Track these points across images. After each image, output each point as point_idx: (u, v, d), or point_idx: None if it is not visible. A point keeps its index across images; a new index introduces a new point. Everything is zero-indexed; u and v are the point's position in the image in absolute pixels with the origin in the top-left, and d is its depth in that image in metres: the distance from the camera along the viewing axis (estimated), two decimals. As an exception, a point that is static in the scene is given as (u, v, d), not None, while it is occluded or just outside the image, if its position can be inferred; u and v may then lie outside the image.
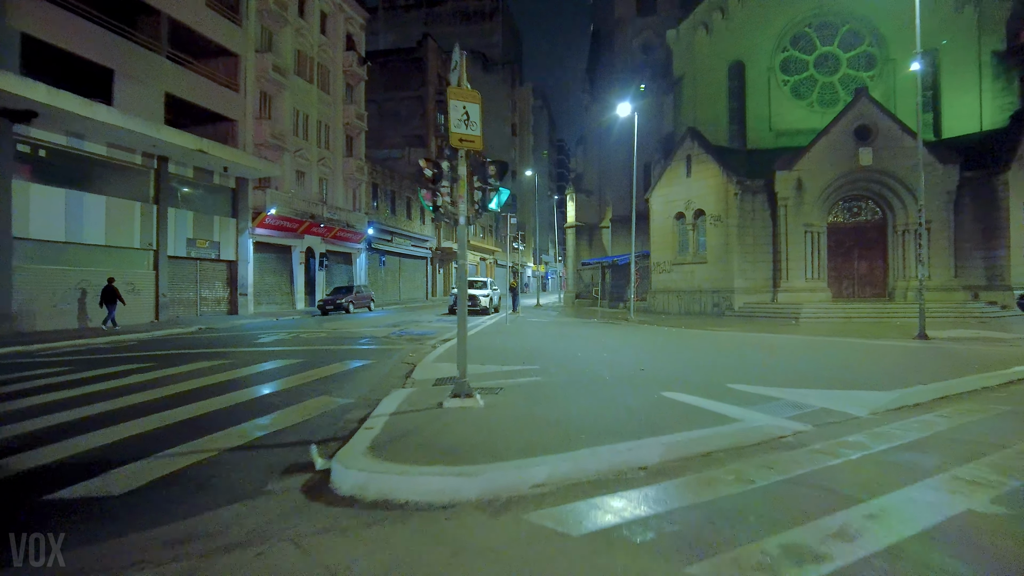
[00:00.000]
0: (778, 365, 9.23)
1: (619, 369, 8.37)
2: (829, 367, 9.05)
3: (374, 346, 11.88)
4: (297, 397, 6.61)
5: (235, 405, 6.22)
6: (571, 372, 8.04)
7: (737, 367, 8.94)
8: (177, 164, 21.58)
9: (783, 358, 10.15)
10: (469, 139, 5.51)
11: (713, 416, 5.38)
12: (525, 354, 9.97)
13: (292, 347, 11.56)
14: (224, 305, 24.62)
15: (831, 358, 10.17)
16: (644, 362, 9.22)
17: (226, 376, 7.95)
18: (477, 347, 10.93)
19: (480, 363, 8.80)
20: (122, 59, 19.18)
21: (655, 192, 24.24)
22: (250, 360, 9.55)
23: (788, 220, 21.15)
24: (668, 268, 23.81)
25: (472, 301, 22.58)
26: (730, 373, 8.16)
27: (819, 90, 25.12)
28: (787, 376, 7.92)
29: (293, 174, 28.84)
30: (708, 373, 8.15)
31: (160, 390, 6.92)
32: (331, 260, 32.30)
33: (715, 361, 9.64)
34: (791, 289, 20.99)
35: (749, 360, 9.91)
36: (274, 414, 5.82)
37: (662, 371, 8.25)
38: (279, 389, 7.08)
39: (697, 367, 8.79)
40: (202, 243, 22.99)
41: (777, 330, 15.90)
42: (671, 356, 10.31)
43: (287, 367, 8.84)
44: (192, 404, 6.15)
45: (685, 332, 15.61)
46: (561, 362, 9.04)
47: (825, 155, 20.88)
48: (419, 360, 9.41)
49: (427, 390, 6.64)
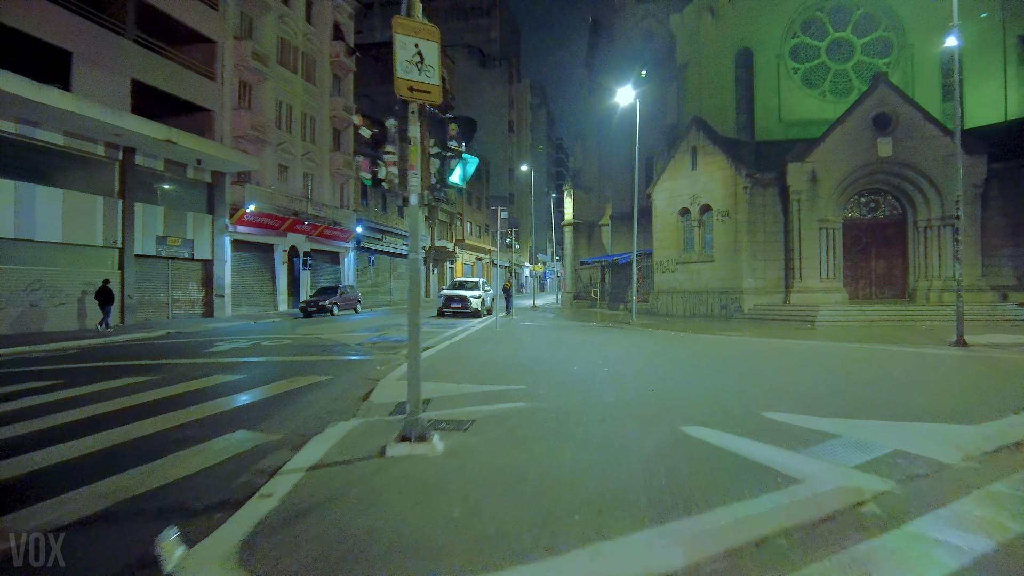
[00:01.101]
0: (813, 382, 7.75)
1: (624, 389, 6.89)
2: (874, 383, 7.57)
3: (342, 356, 10.38)
4: (211, 431, 5.12)
5: (120, 445, 4.73)
6: (565, 394, 6.56)
7: (765, 384, 7.46)
8: (145, 156, 20.08)
9: (814, 371, 8.67)
10: (423, 88, 4.03)
11: (756, 468, 3.90)
12: (512, 368, 8.48)
13: (245, 358, 10.06)
14: (199, 307, 23.12)
15: (870, 371, 8.69)
16: (652, 378, 7.74)
17: (140, 399, 6.46)
18: (457, 358, 9.44)
19: (455, 381, 7.32)
20: (82, 41, 17.66)
21: (658, 186, 22.77)
22: (185, 376, 8.06)
23: (801, 216, 19.69)
24: (672, 267, 22.34)
25: (462, 303, 21.12)
26: (759, 394, 6.68)
27: (832, 78, 23.67)
28: (830, 398, 6.45)
29: (275, 168, 27.33)
30: (733, 394, 6.67)
31: (33, 423, 5.40)
32: (317, 259, 30.79)
33: (737, 376, 8.17)
34: (805, 290, 19.53)
35: (776, 374, 8.43)
36: (166, 458, 4.34)
37: (676, 391, 6.77)
38: (193, 419, 5.59)
39: (717, 385, 7.31)
40: (174, 241, 21.49)
41: (794, 335, 14.43)
42: (684, 370, 8.82)
43: (223, 386, 7.35)
44: (61, 445, 4.65)
45: (693, 338, 14.13)
46: (554, 379, 7.56)
47: (841, 146, 19.42)
48: (385, 375, 7.92)
49: (376, 424, 5.16)
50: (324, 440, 4.56)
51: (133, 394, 6.68)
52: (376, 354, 10.76)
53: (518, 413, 5.46)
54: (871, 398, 6.46)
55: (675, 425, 5.06)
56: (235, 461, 4.34)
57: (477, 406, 5.80)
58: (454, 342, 11.86)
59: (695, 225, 21.54)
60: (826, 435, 4.78)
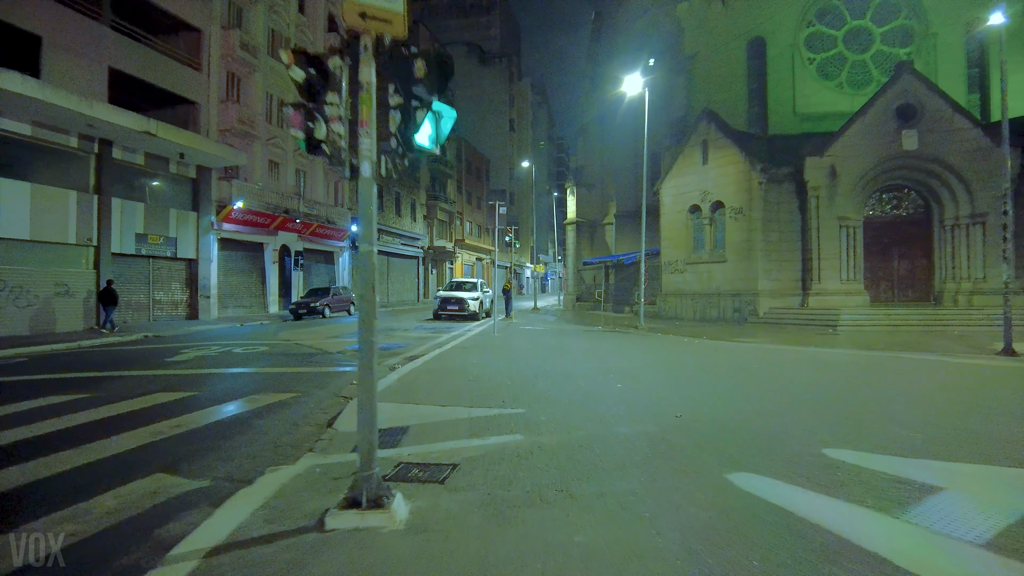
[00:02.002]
0: (863, 402, 6.56)
1: (642, 414, 5.72)
2: (936, 404, 6.39)
3: (319, 367, 9.20)
4: (120, 473, 3.96)
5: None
6: (571, 421, 5.38)
7: (808, 405, 6.27)
8: (124, 149, 18.94)
9: (858, 387, 7.48)
10: (381, 16, 2.87)
11: (856, 554, 2.72)
12: (509, 384, 7.30)
13: (208, 369, 8.88)
14: (183, 309, 21.97)
15: (922, 387, 7.50)
16: (674, 397, 6.57)
17: (52, 426, 5.28)
18: (447, 371, 8.27)
19: (442, 401, 6.15)
20: (53, 25, 16.54)
21: (666, 182, 21.59)
22: (127, 393, 6.89)
23: (820, 213, 18.51)
24: (681, 268, 21.15)
25: (459, 306, 19.94)
26: (808, 420, 5.50)
27: (849, 69, 22.47)
28: (895, 426, 5.27)
29: (265, 164, 26.19)
30: (775, 420, 5.49)
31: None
32: (310, 259, 29.65)
33: (772, 395, 6.98)
34: (824, 292, 18.33)
35: (816, 391, 7.24)
36: (40, 520, 3.18)
37: (706, 417, 5.59)
38: (109, 455, 4.43)
39: (754, 408, 6.13)
40: (155, 239, 20.36)
41: (818, 342, 13.23)
42: (708, 386, 7.64)
43: (164, 408, 6.18)
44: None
45: (709, 345, 12.94)
46: (557, 399, 6.38)
47: (862, 139, 18.24)
48: (354, 396, 6.73)
49: (329, 469, 3.98)
50: (252, 496, 3.39)
51: (49, 419, 5.51)
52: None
53: (513, 453, 4.28)
54: (946, 426, 5.28)
55: (718, 472, 3.88)
56: (130, 525, 3.18)
57: (463, 440, 4.63)
58: (446, 350, 10.69)
59: (706, 223, 20.35)
60: (922, 487, 3.60)
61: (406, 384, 7.08)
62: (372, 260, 3.03)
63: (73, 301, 17.13)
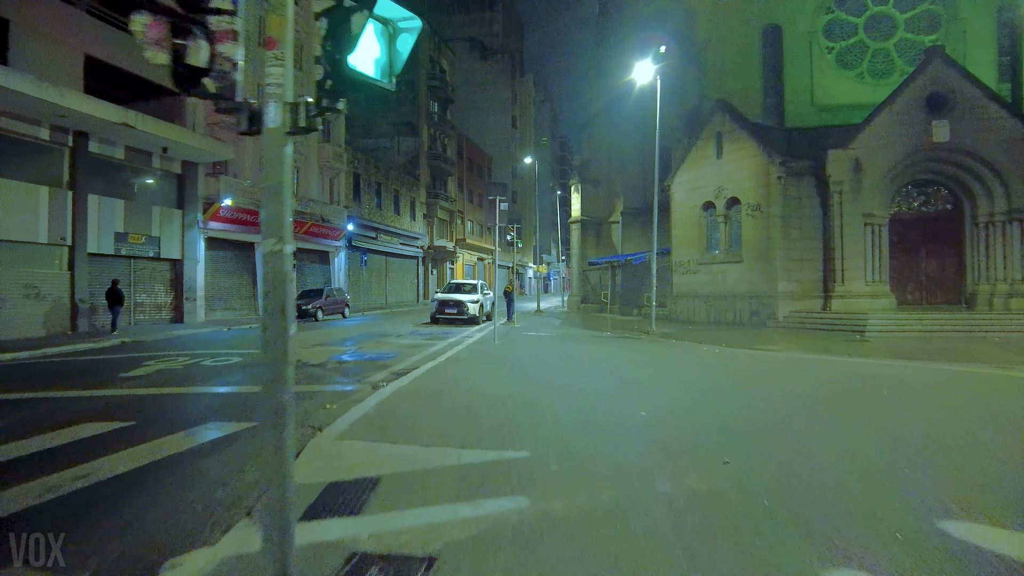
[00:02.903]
0: (947, 438, 5.36)
1: (680, 458, 4.54)
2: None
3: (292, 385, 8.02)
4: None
5: None
6: (590, 471, 4.20)
7: (890, 444, 5.07)
8: (102, 142, 17.80)
9: (926, 414, 6.27)
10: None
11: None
12: (510, 411, 6.11)
13: (160, 388, 7.67)
14: (168, 312, 20.84)
15: (1007, 412, 6.30)
16: (715, 431, 5.38)
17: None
18: (435, 392, 7.07)
19: (425, 438, 4.97)
20: (22, 8, 15.43)
21: (677, 178, 20.38)
22: (45, 421, 5.71)
23: (843, 210, 17.28)
24: (693, 268, 19.94)
25: (458, 308, 18.76)
26: (897, 467, 4.30)
27: (870, 58, 21.22)
28: (1011, 479, 4.07)
29: (256, 159, 25.03)
30: (853, 466, 4.30)
31: None
32: (303, 259, 28.50)
33: (838, 428, 5.78)
34: (848, 294, 17.10)
35: (880, 420, 6.03)
36: None
37: (763, 464, 4.40)
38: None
39: (825, 449, 4.93)
40: (136, 238, 19.22)
41: (849, 350, 12.03)
42: (750, 411, 6.44)
43: (85, 444, 4.99)
44: None
45: (731, 355, 11.74)
46: (569, 435, 5.18)
47: (889, 130, 17.00)
48: (332, 421, 5.57)
49: (247, 564, 2.79)
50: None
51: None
52: (338, 381, 8.41)
53: (514, 533, 3.09)
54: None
55: (812, 568, 2.69)
56: None
57: (448, 505, 3.45)
58: (440, 363, 9.49)
59: (720, 221, 19.13)
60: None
61: (386, 411, 5.91)
62: (284, 266, 1.87)
63: (44, 304, 15.99)
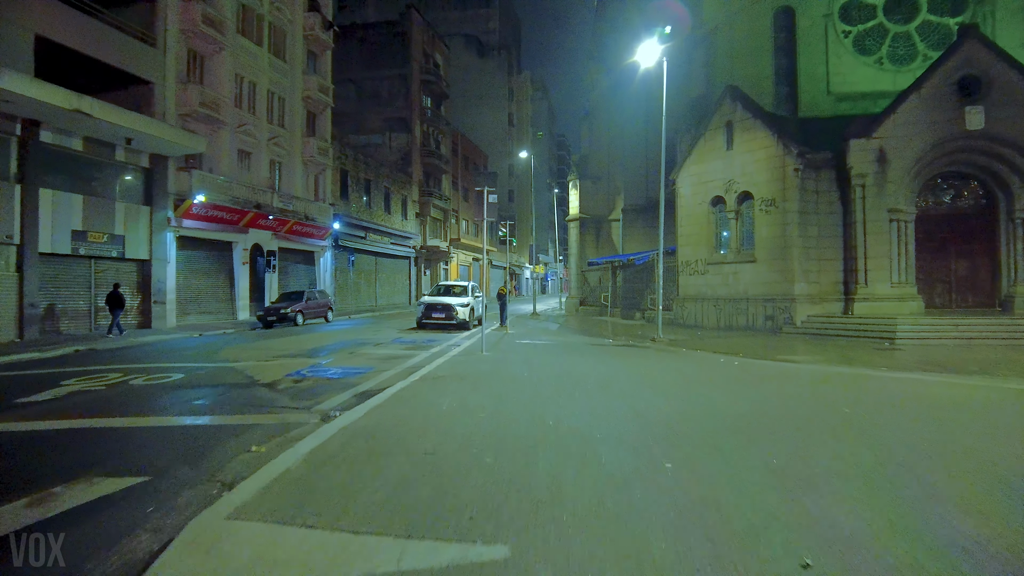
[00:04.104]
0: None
1: (731, 552, 3.03)
2: None
3: (225, 415, 6.46)
4: None
5: None
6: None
7: (990, 515, 3.57)
8: (56, 132, 16.29)
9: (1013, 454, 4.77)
10: None
11: None
12: (487, 465, 4.55)
13: (50, 422, 6.02)
14: (134, 316, 19.29)
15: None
16: (770, 498, 3.87)
17: None
18: (394, 431, 5.48)
19: (356, 519, 3.44)
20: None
21: (683, 171, 18.92)
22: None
23: (866, 205, 15.83)
24: (701, 269, 18.47)
25: (446, 313, 17.24)
26: None
27: (890, 42, 19.77)
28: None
29: (234, 154, 23.52)
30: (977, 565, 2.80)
31: None
32: (287, 260, 26.98)
33: (923, 484, 4.28)
34: (872, 297, 15.64)
35: (972, 475, 4.53)
36: None
37: (867, 560, 2.89)
38: None
39: (919, 522, 3.43)
40: (97, 237, 17.70)
41: (885, 361, 10.55)
42: (808, 459, 4.91)
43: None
44: None
45: (753, 367, 10.26)
46: (569, 517, 3.64)
47: (916, 117, 15.56)
48: (250, 472, 4.06)
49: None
50: None
51: None
52: (284, 407, 6.88)
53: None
54: None
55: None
56: None
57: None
58: (412, 383, 7.90)
59: (731, 217, 17.66)
60: None
61: (321, 462, 4.38)
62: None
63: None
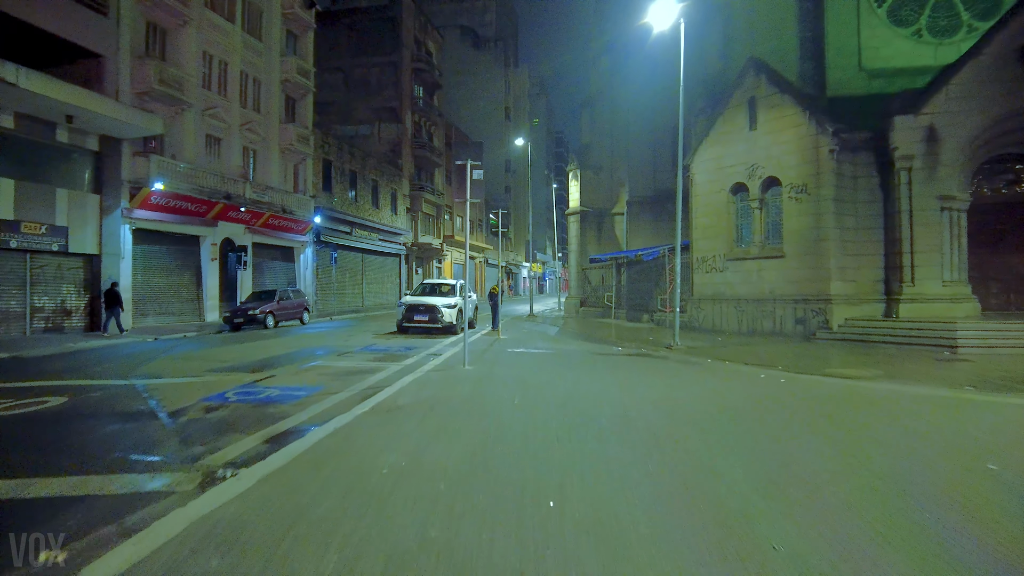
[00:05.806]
0: None
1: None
2: None
3: (19, 483, 4.31)
4: None
5: None
6: None
7: None
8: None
9: None
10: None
11: None
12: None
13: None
14: (81, 318, 17.13)
15: None
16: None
17: None
18: (296, 515, 3.37)
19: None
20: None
21: (699, 156, 16.79)
22: None
23: (913, 192, 13.73)
24: (719, 265, 16.35)
25: (430, 315, 15.08)
26: None
27: (930, 11, 17.65)
28: None
29: (202, 139, 21.33)
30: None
31: None
32: (263, 256, 24.81)
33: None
34: (920, 297, 13.54)
35: None
36: None
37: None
38: None
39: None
40: (33, 228, 15.53)
41: (958, 376, 8.43)
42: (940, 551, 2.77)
43: None
44: None
45: (797, 383, 8.12)
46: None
47: (972, 90, 13.47)
48: None
49: None
50: None
51: None
52: (157, 464, 4.74)
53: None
54: None
55: None
56: None
57: None
58: (351, 420, 5.65)
59: (755, 206, 15.54)
60: None
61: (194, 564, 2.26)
62: None
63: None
